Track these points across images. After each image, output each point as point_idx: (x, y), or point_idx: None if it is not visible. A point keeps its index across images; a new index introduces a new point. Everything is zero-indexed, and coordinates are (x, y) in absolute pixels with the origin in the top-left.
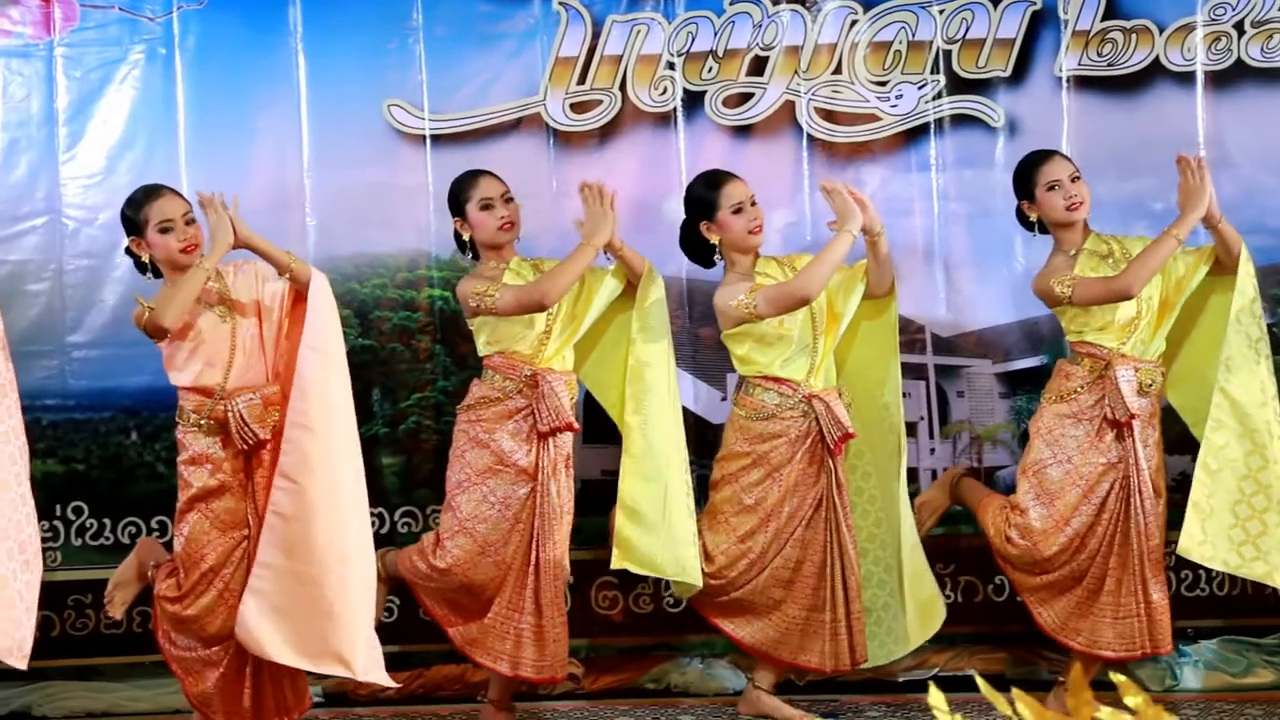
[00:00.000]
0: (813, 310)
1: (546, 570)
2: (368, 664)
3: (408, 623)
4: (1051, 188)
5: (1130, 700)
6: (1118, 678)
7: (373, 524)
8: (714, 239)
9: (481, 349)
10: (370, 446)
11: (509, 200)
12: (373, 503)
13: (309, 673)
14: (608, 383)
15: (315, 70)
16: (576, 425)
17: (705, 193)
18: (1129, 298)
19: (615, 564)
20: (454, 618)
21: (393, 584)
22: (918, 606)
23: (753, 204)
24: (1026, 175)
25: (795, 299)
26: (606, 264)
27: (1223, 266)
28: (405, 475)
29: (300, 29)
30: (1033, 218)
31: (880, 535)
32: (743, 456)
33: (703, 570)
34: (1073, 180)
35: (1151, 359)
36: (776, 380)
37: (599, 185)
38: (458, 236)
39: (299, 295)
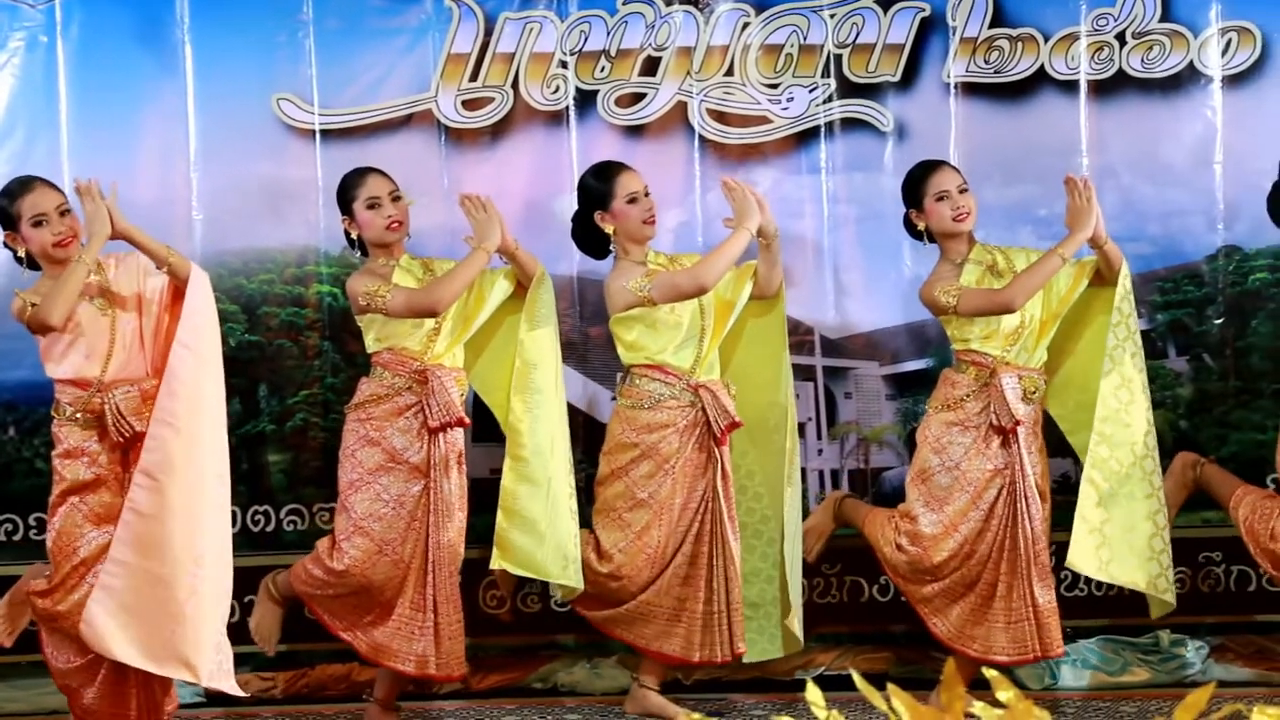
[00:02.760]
0: (701, 302)
1: (440, 567)
2: (214, 671)
3: (293, 622)
4: (940, 198)
5: (1002, 695)
6: (990, 673)
7: (258, 522)
8: (608, 229)
9: (370, 345)
10: (257, 444)
11: (397, 199)
12: (259, 501)
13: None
14: (495, 384)
15: (202, 62)
16: (467, 420)
17: (600, 183)
18: (1011, 311)
19: (494, 564)
20: (355, 627)
21: (287, 604)
22: (798, 610)
23: (646, 194)
24: (915, 185)
25: (689, 289)
26: (501, 265)
27: (1103, 279)
28: (292, 473)
29: (187, 20)
30: (920, 226)
31: (767, 533)
32: (630, 448)
33: (598, 570)
34: (960, 191)
35: (1034, 367)
36: (661, 369)
37: (476, 195)
38: (347, 234)
39: (179, 290)
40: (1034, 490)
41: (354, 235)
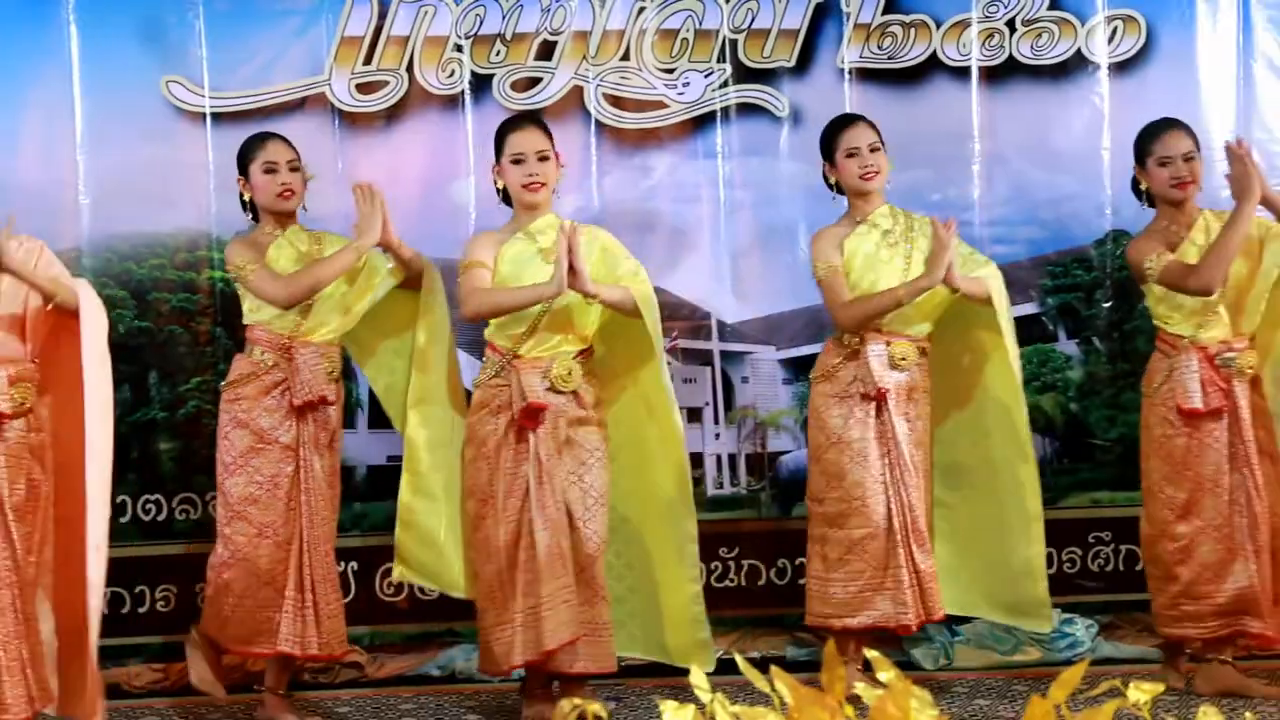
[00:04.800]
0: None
1: (315, 547)
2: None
3: (181, 614)
4: (850, 154)
5: (883, 676)
6: (871, 653)
7: (149, 511)
8: (500, 185)
9: (245, 317)
10: (148, 431)
11: (295, 169)
12: (150, 489)
13: None
14: (391, 387)
15: (89, 43)
16: (331, 399)
17: (499, 136)
18: (858, 326)
19: (396, 576)
20: (264, 631)
21: (215, 645)
22: (694, 644)
23: (541, 159)
24: (830, 138)
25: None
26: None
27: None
28: (184, 461)
29: None
30: (833, 180)
31: (625, 530)
32: (465, 432)
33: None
34: (871, 150)
35: (909, 333)
36: (492, 346)
37: (369, 185)
38: (240, 196)
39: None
40: (906, 457)
41: (247, 198)
